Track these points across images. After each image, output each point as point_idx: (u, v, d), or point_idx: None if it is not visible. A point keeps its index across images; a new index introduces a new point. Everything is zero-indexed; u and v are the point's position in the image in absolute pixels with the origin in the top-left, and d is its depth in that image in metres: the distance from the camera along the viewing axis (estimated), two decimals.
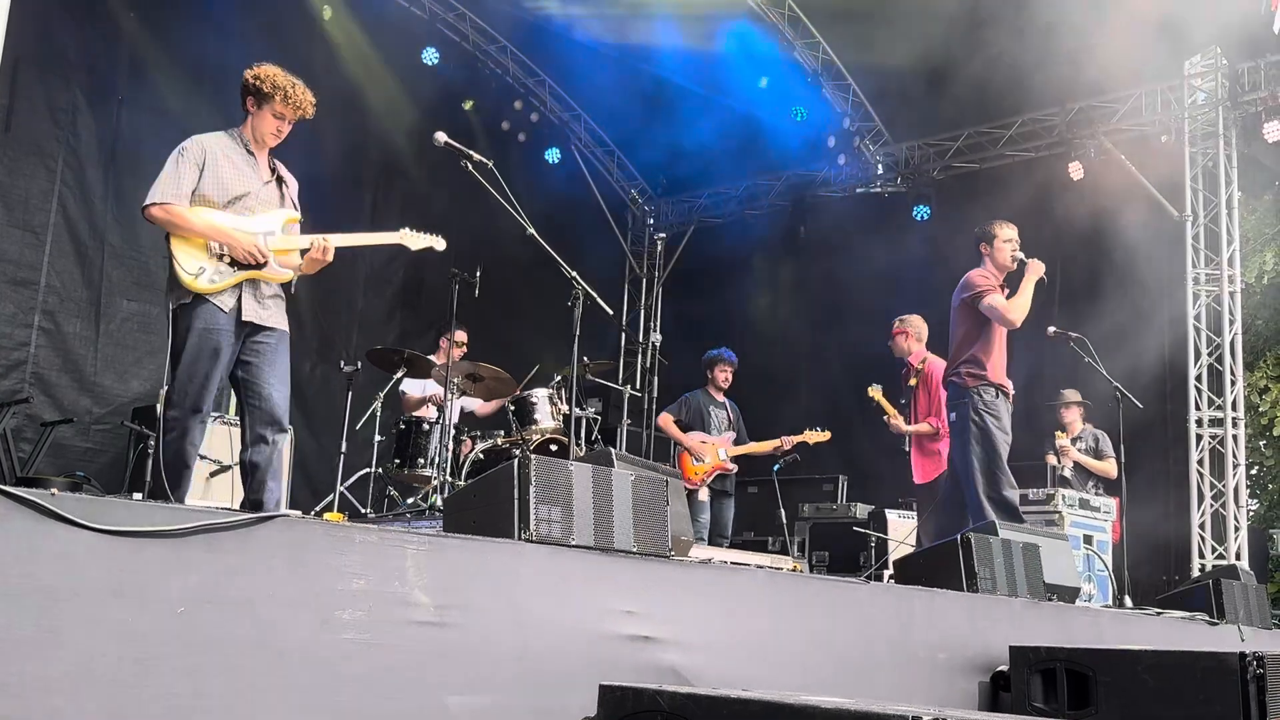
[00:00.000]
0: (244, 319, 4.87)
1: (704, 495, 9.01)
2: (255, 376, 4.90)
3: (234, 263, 4.85)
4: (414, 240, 5.49)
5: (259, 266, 4.89)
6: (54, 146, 9.30)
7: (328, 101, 10.91)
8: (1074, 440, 9.00)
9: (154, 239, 9.81)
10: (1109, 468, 8.77)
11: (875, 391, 8.41)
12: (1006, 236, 6.90)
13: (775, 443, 9.17)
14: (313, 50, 10.51)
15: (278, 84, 5.12)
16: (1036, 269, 6.79)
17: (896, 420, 8.24)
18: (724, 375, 9.41)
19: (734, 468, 9.17)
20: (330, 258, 5.10)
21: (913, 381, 8.10)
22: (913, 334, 8.17)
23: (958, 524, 6.51)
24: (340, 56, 10.67)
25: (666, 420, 9.24)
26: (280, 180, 5.20)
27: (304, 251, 5.05)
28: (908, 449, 8.33)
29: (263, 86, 5.11)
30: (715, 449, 9.13)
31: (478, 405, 8.82)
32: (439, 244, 5.54)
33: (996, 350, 6.74)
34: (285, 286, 5.09)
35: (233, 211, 4.92)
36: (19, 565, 2.48)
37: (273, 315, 4.99)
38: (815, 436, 9.21)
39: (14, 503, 2.51)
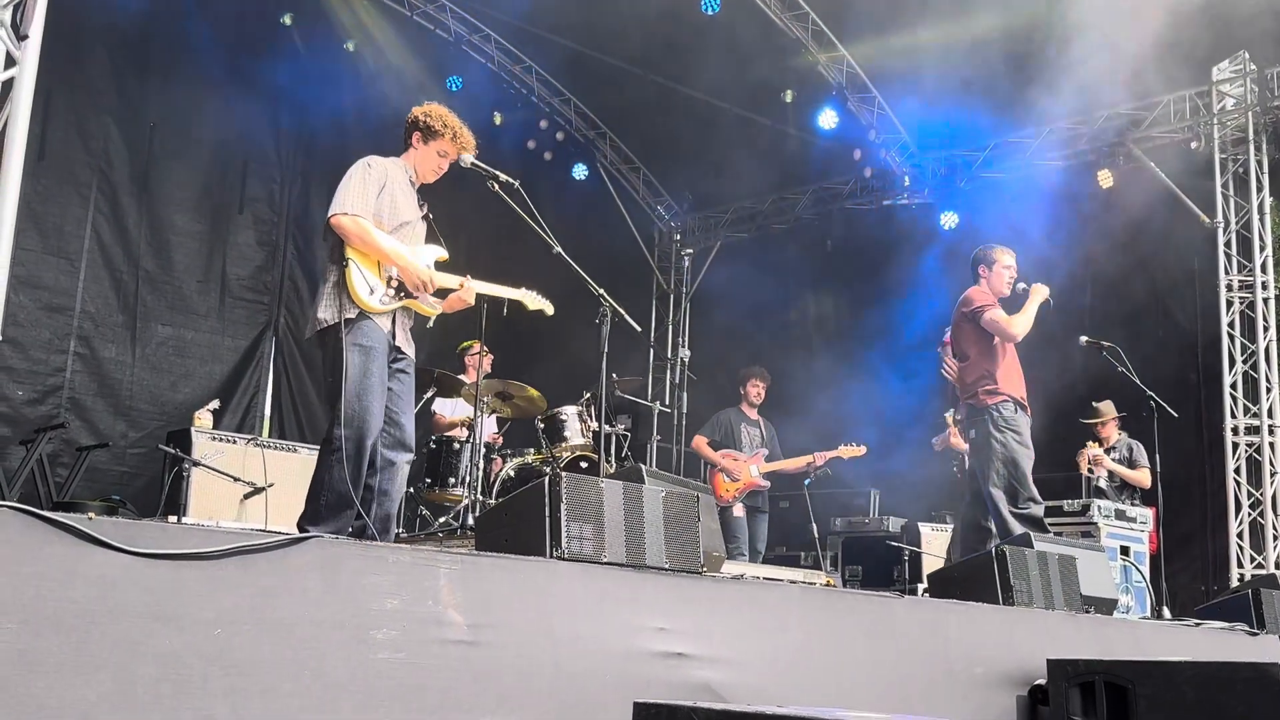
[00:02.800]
0: (395, 343, 4.96)
1: (739, 512, 9.02)
2: (395, 404, 4.91)
3: (399, 289, 4.94)
4: (532, 301, 5.66)
5: (414, 296, 4.99)
6: (87, 174, 9.42)
7: (354, 126, 11.01)
8: (1108, 450, 8.93)
9: (188, 263, 9.98)
10: (1142, 477, 8.69)
11: (951, 417, 8.43)
12: (1006, 263, 6.90)
13: (808, 458, 9.17)
14: (338, 78, 10.62)
15: (448, 123, 5.22)
16: (1041, 292, 6.76)
17: (957, 439, 8.30)
18: (755, 391, 9.44)
19: (766, 484, 9.18)
20: (472, 300, 5.27)
21: None
22: None
23: (983, 541, 6.46)
24: (365, 81, 10.76)
25: (700, 442, 9.33)
26: (427, 217, 5.29)
27: (448, 291, 5.17)
28: (957, 466, 8.34)
29: (434, 124, 5.20)
30: (747, 467, 9.14)
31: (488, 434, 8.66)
32: (549, 309, 5.74)
33: (1007, 365, 6.69)
34: (421, 320, 5.21)
35: (398, 237, 5.00)
36: (58, 589, 2.51)
37: (410, 345, 5.09)
38: (850, 451, 9.17)
39: (52, 527, 2.54)
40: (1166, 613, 7.12)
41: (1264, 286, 9.87)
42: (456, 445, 7.96)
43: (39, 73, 4.71)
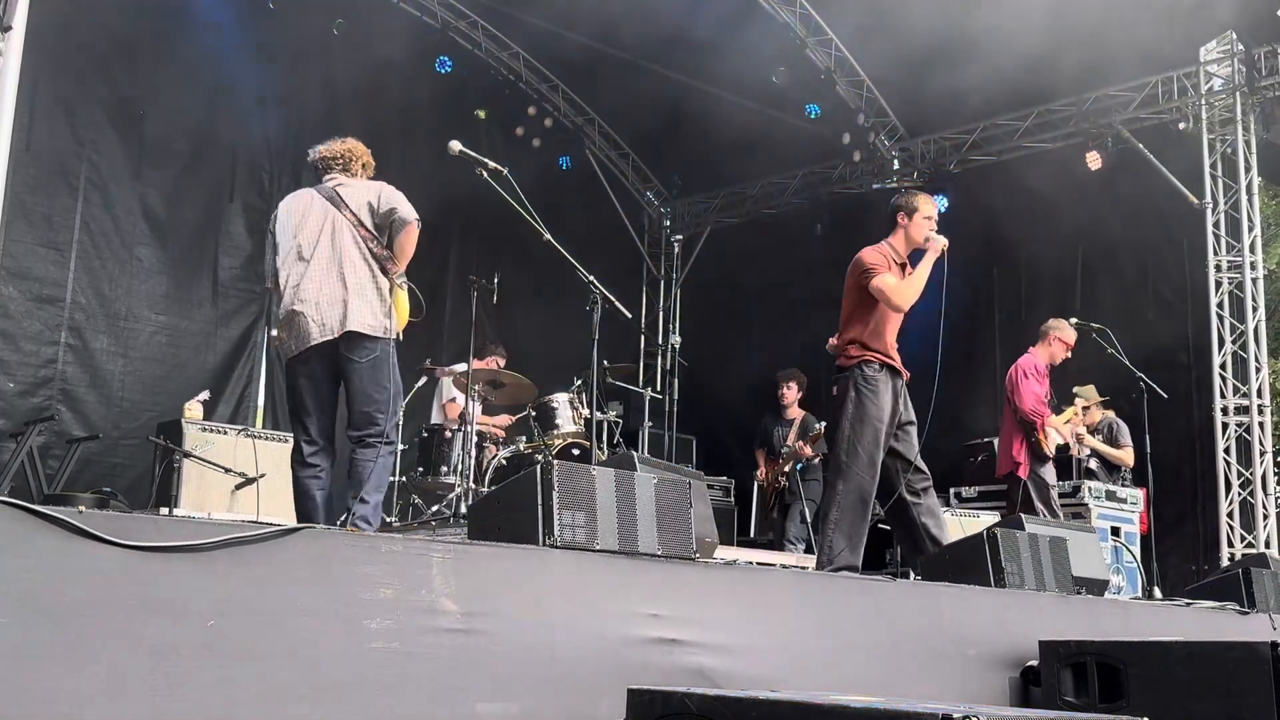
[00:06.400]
0: None
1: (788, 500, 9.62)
2: None
3: None
4: None
5: None
6: (75, 163, 9.37)
7: (343, 113, 10.97)
8: (1093, 431, 8.96)
9: (179, 253, 9.94)
10: (1125, 455, 8.73)
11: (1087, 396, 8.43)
12: (927, 213, 6.28)
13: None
14: (326, 62, 10.57)
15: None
16: (936, 246, 6.12)
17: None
18: (783, 394, 9.87)
19: (782, 482, 9.69)
20: None
21: None
22: None
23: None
24: (352, 68, 10.71)
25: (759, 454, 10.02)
26: None
27: None
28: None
29: (371, 161, 5.53)
30: (772, 468, 9.73)
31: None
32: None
33: (886, 329, 6.16)
34: None
35: None
36: (49, 582, 2.51)
37: None
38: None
39: (42, 520, 2.53)
40: (1157, 593, 7.14)
41: (1252, 267, 9.90)
42: (448, 434, 7.95)
43: (25, 63, 4.69)
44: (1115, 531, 8.13)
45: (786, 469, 9.65)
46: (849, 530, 5.79)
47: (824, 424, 9.57)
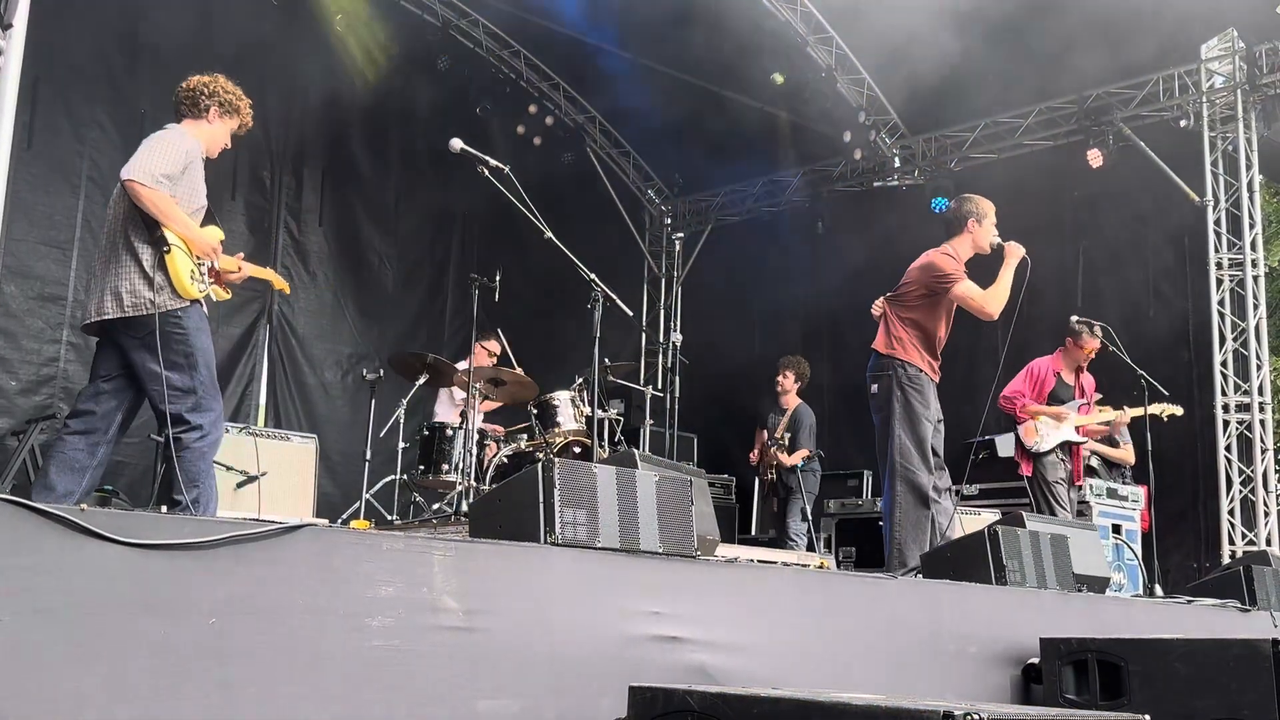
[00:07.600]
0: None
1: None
2: None
3: (209, 271, 4.96)
4: (277, 280, 5.77)
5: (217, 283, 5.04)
6: (76, 162, 9.37)
7: (345, 111, 10.97)
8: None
9: None
10: (1126, 454, 8.72)
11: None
12: (993, 218, 6.19)
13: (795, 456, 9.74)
14: (328, 60, 10.56)
15: (242, 99, 5.11)
16: (1015, 252, 6.03)
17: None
18: (780, 382, 9.95)
19: (770, 475, 9.83)
20: (241, 280, 5.30)
21: None
22: None
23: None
24: (354, 66, 10.71)
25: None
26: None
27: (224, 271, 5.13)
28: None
29: (233, 99, 5.07)
30: (762, 454, 9.90)
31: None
32: (287, 288, 5.95)
33: (939, 334, 6.15)
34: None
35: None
36: (51, 580, 2.51)
37: None
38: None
39: (44, 518, 2.53)
40: (1159, 590, 7.14)
41: (1253, 264, 9.90)
42: (449, 431, 7.96)
43: (25, 61, 4.69)
44: (1116, 529, 8.13)
45: (773, 464, 9.67)
46: (914, 529, 5.87)
47: (809, 424, 9.69)
